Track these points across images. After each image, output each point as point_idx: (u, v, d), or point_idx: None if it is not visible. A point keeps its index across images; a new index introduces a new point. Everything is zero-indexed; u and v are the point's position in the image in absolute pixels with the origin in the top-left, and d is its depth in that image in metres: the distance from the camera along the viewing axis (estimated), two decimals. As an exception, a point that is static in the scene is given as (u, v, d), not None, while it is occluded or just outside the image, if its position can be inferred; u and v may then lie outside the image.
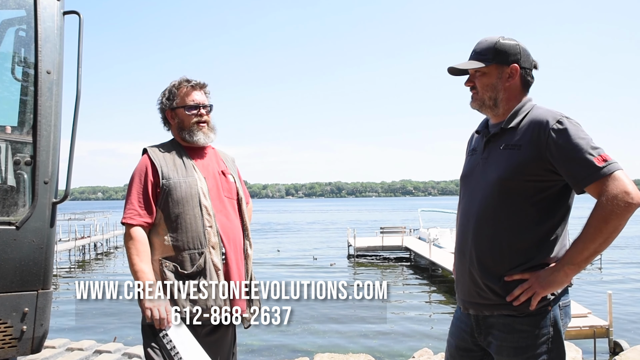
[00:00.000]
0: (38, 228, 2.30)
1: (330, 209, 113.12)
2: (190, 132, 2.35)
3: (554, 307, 1.73)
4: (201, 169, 2.34)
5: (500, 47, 1.83)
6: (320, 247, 29.58)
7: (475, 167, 1.90)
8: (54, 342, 5.01)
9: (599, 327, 8.95)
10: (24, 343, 2.28)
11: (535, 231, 1.73)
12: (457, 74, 1.94)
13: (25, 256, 2.26)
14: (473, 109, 1.94)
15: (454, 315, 2.02)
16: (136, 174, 2.28)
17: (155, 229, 2.24)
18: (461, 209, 1.93)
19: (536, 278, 1.69)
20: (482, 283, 1.78)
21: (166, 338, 2.06)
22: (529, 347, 1.71)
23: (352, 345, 9.87)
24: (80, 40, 2.46)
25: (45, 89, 2.34)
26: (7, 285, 2.21)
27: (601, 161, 1.62)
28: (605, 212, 1.60)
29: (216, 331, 2.28)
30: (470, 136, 2.08)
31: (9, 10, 2.47)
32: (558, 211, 1.74)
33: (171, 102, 2.37)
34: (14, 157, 2.31)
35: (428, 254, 19.27)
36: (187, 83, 2.38)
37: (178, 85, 2.38)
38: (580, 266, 1.67)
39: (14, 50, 2.50)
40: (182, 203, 2.21)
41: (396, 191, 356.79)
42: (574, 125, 1.69)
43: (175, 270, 2.18)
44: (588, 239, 1.63)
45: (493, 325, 1.79)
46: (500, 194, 1.76)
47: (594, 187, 1.63)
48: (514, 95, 1.86)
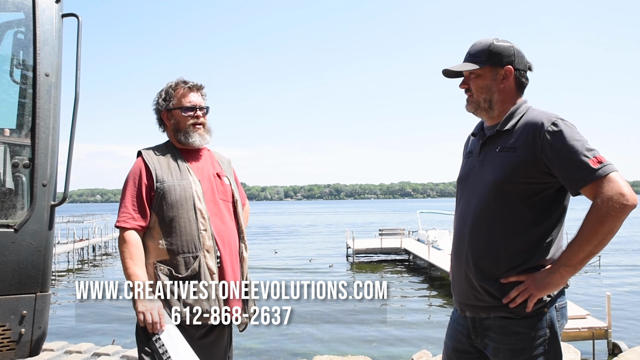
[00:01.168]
0: (36, 231, 2.30)
1: (328, 211, 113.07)
2: (186, 134, 2.34)
3: (550, 308, 1.73)
4: (196, 172, 2.33)
5: (494, 48, 1.84)
6: (319, 249, 29.55)
7: (472, 170, 1.91)
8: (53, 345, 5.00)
9: (598, 329, 8.96)
10: (23, 346, 2.28)
11: (531, 233, 1.73)
12: (452, 77, 1.94)
13: (23, 259, 2.26)
14: (468, 112, 1.94)
15: (451, 317, 2.02)
16: (130, 177, 2.26)
17: (150, 232, 2.23)
18: (458, 211, 1.94)
19: (532, 280, 1.69)
20: (478, 285, 1.78)
21: (159, 342, 2.05)
22: (526, 349, 1.71)
23: (350, 348, 9.87)
24: (78, 43, 2.46)
25: (43, 92, 2.34)
26: (6, 288, 2.21)
27: (596, 163, 1.62)
28: (600, 213, 1.60)
29: (210, 334, 2.27)
30: (467, 138, 2.08)
31: (8, 12, 2.48)
32: (554, 213, 1.75)
33: (167, 102, 2.35)
34: (13, 160, 2.31)
35: (427, 256, 19.27)
36: (184, 84, 2.37)
37: (175, 86, 2.37)
38: (576, 268, 1.67)
39: (12, 53, 2.51)
40: (176, 206, 2.20)
41: (395, 193, 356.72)
42: (569, 127, 1.70)
43: (170, 273, 2.17)
44: (583, 241, 1.64)
45: (489, 327, 1.79)
46: (496, 196, 1.76)
47: (589, 189, 1.63)
48: (508, 97, 1.86)
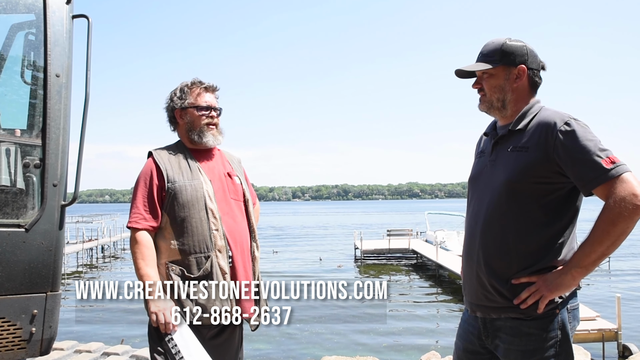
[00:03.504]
0: (47, 230, 2.31)
1: (337, 212, 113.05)
2: (200, 133, 2.35)
3: (562, 310, 1.72)
4: (207, 172, 2.33)
5: (507, 48, 1.83)
6: (327, 249, 29.54)
7: (483, 170, 1.90)
8: (63, 344, 5.03)
9: (608, 331, 8.87)
10: (33, 345, 2.29)
11: (543, 233, 1.71)
12: (465, 77, 1.93)
13: (34, 258, 2.27)
14: (481, 112, 1.93)
15: (461, 318, 2.01)
16: (141, 177, 2.27)
17: (162, 232, 2.24)
18: (469, 211, 1.92)
19: (543, 281, 1.68)
20: (489, 285, 1.77)
21: (171, 342, 2.05)
22: (537, 350, 1.70)
23: (358, 349, 9.85)
24: (89, 44, 2.47)
25: (54, 92, 2.35)
26: (17, 287, 2.22)
27: (609, 163, 1.60)
28: (612, 214, 1.58)
29: (222, 334, 2.28)
30: (479, 138, 2.07)
31: (19, 14, 2.49)
32: (566, 213, 1.73)
33: (182, 101, 2.36)
34: (24, 160, 2.33)
35: (435, 257, 19.20)
36: (200, 84, 2.39)
37: (191, 85, 2.39)
38: (587, 269, 1.65)
39: (23, 54, 2.52)
40: (187, 206, 2.21)
41: (403, 194, 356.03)
42: (582, 127, 1.68)
43: (182, 274, 2.17)
44: (596, 242, 1.62)
45: (500, 328, 1.77)
46: (507, 196, 1.74)
47: (601, 190, 1.62)
48: (521, 97, 1.85)
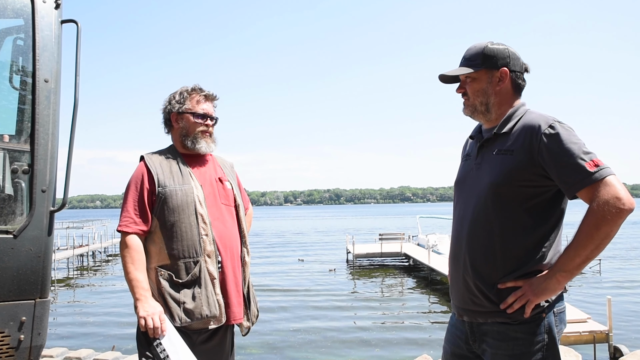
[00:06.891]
0: (36, 237, 2.30)
1: (329, 216, 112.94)
2: (194, 139, 2.36)
3: (548, 314, 1.73)
4: (198, 177, 2.34)
5: (488, 51, 1.84)
6: (319, 253, 29.50)
7: (469, 173, 1.91)
8: (52, 352, 5.00)
9: (599, 332, 8.91)
10: (22, 352, 2.27)
11: (528, 237, 1.72)
12: (449, 82, 1.94)
13: (22, 265, 2.25)
14: (466, 116, 1.94)
15: (449, 322, 2.01)
16: (132, 181, 2.28)
17: (151, 237, 2.24)
18: (456, 215, 1.93)
19: (529, 285, 1.69)
20: (475, 290, 1.78)
21: (160, 347, 2.05)
22: (524, 354, 1.70)
23: (351, 352, 9.83)
24: (78, 49, 2.47)
25: (43, 98, 2.34)
26: (5, 294, 2.21)
27: (593, 166, 1.61)
28: (596, 218, 1.59)
29: (212, 338, 2.27)
30: (465, 141, 2.08)
31: (7, 19, 2.48)
32: (551, 217, 1.74)
33: (180, 105, 2.37)
34: (12, 166, 2.31)
35: (427, 261, 19.23)
36: (200, 91, 2.41)
37: (190, 91, 2.40)
38: (572, 273, 1.66)
39: (11, 59, 2.51)
40: (177, 211, 2.21)
41: (395, 198, 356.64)
42: (566, 130, 1.69)
43: (170, 278, 2.17)
44: (580, 246, 1.62)
45: (487, 332, 1.78)
46: (493, 199, 1.75)
47: (585, 193, 1.63)
48: (505, 100, 1.86)
